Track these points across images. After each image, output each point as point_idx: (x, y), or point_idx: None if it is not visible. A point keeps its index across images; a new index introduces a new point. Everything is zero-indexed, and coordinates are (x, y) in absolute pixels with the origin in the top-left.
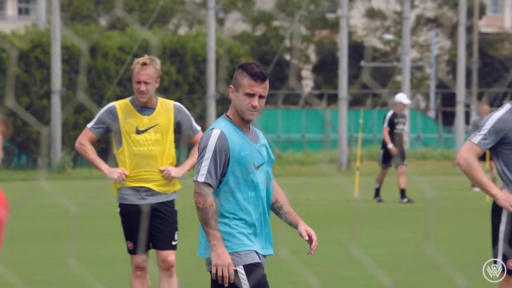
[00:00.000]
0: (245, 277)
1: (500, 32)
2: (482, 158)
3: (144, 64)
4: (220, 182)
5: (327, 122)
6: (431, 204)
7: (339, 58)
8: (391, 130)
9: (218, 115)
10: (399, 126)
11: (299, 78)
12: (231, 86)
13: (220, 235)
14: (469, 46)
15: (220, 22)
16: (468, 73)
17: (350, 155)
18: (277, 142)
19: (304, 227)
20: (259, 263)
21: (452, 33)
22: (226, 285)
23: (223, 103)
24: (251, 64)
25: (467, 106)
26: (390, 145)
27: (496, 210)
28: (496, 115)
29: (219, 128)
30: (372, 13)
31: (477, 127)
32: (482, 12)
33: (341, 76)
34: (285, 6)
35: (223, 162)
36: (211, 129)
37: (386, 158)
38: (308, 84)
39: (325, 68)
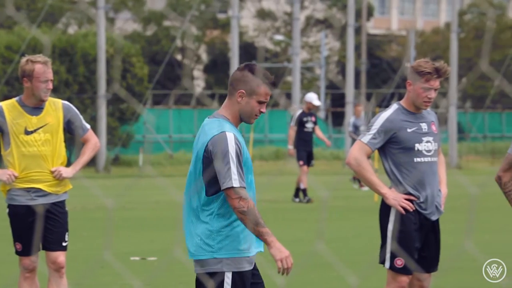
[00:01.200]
0: (229, 284)
1: (387, 34)
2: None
3: (46, 62)
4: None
5: None
6: (323, 203)
7: (231, 59)
8: (301, 129)
9: (109, 115)
10: (308, 125)
11: (191, 78)
12: (240, 90)
13: (270, 231)
14: (357, 47)
15: (111, 21)
16: (357, 74)
17: None
18: (169, 143)
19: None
20: (248, 271)
21: (341, 34)
22: (288, 275)
23: (114, 103)
24: (264, 70)
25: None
26: (290, 147)
27: (385, 209)
28: (385, 115)
29: (229, 131)
30: (262, 14)
31: (357, 128)
32: (370, 13)
33: None
34: (176, 6)
35: (241, 164)
36: (221, 132)
37: (301, 156)
38: (199, 84)
39: (217, 68)
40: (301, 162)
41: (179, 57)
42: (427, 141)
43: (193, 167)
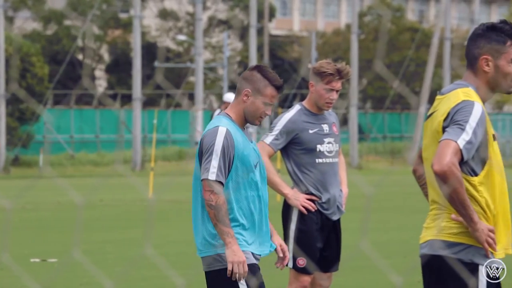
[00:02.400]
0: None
1: (289, 35)
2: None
3: None
4: None
5: (121, 122)
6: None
7: (133, 58)
8: None
9: (9, 115)
10: None
11: (92, 78)
12: (247, 89)
13: (233, 232)
14: (260, 48)
15: (10, 20)
16: None
17: (144, 156)
18: (70, 143)
19: (278, 241)
20: (255, 263)
21: (243, 35)
22: (241, 281)
23: (14, 103)
24: (273, 73)
25: None
26: None
27: (287, 209)
28: (287, 116)
29: (224, 125)
30: (165, 14)
31: None
32: (272, 14)
33: (135, 76)
34: (76, 5)
35: (230, 160)
36: (215, 126)
37: None
38: (101, 84)
39: (119, 68)
40: None
41: (80, 56)
42: (329, 142)
43: (196, 163)
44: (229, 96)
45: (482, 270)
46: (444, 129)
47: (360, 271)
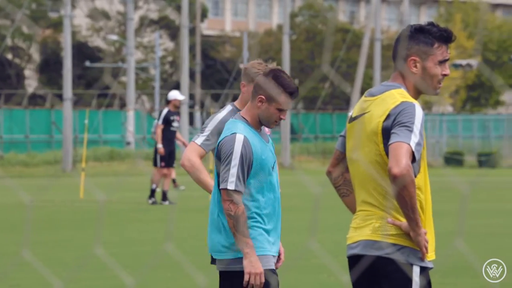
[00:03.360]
0: None
1: (221, 35)
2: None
3: None
4: None
5: (52, 122)
6: (173, 205)
7: (63, 58)
8: (167, 128)
9: None
10: (174, 124)
11: (22, 77)
12: (261, 96)
13: (252, 243)
14: (192, 48)
15: None
16: (192, 75)
17: (75, 156)
18: None
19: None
20: (273, 269)
21: (175, 35)
22: None
23: None
24: (288, 78)
25: (191, 107)
26: (160, 145)
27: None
28: (218, 116)
29: (241, 132)
30: (96, 13)
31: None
32: (204, 15)
33: (66, 76)
34: (6, 4)
35: (248, 167)
36: (232, 133)
37: (164, 157)
38: (31, 84)
39: (49, 68)
40: (162, 163)
41: (9, 56)
42: None
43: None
44: (174, 93)
45: (416, 270)
46: (384, 130)
47: (300, 270)
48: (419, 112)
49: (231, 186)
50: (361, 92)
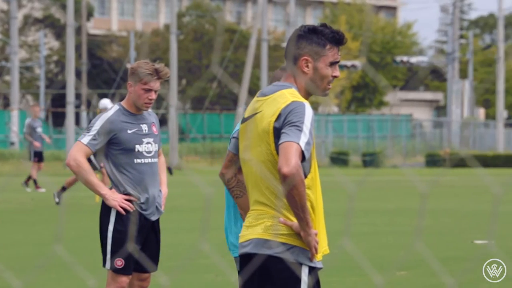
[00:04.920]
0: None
1: (108, 34)
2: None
3: None
4: None
5: None
6: (63, 206)
7: None
8: None
9: None
10: None
11: None
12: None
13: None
14: (78, 47)
15: None
16: (78, 74)
17: None
18: None
19: None
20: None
21: (60, 34)
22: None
23: None
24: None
25: (77, 107)
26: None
27: (105, 210)
28: (105, 116)
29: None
30: None
31: (33, 129)
32: (90, 14)
33: None
34: None
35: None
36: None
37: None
38: None
39: None
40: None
41: None
42: (148, 142)
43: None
44: (105, 102)
45: (305, 270)
46: (275, 130)
47: (192, 270)
48: (309, 111)
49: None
50: (248, 92)
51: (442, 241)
